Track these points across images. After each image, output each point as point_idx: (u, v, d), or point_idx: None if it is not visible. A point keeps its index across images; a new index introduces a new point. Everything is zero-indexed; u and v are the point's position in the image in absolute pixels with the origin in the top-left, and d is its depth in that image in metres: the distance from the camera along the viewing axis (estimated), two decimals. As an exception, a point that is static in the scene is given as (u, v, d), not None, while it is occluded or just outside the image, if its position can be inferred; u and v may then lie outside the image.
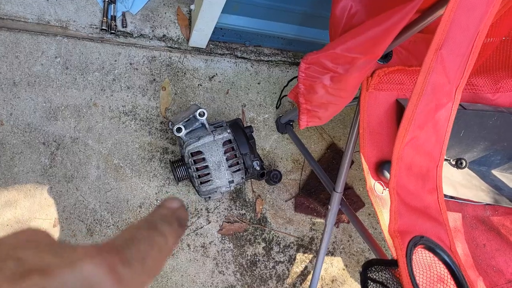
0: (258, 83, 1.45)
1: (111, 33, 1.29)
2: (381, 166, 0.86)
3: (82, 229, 1.18)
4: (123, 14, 1.32)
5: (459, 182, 0.95)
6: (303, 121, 0.93)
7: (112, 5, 1.30)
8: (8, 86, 1.17)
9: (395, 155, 0.61)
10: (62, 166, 1.18)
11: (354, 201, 1.48)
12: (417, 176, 0.65)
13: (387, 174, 0.84)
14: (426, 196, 0.67)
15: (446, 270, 0.65)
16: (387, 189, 0.85)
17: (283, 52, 1.51)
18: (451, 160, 0.97)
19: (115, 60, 1.29)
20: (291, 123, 1.39)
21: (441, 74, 0.60)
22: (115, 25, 1.29)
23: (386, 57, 0.89)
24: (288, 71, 1.50)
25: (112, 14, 1.30)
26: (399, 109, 0.91)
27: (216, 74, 1.40)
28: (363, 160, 0.85)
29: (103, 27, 1.27)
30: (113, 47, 1.30)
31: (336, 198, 1.05)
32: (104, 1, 1.28)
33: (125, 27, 1.32)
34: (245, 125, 1.39)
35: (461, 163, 0.95)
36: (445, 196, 0.92)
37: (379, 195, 0.84)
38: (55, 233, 1.14)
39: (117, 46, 1.30)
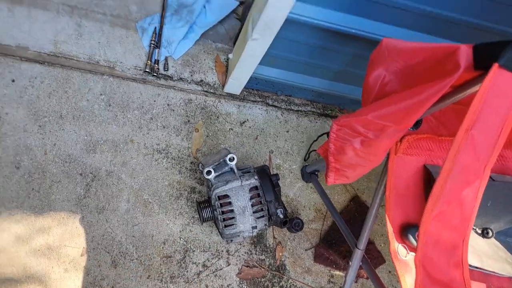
0: (287, 131, 1.50)
1: (153, 75, 1.39)
2: (406, 230, 0.87)
3: (107, 260, 1.21)
4: (166, 59, 1.42)
5: (484, 253, 0.94)
6: (330, 178, 0.96)
7: (157, 50, 1.40)
8: (55, 119, 1.26)
9: (422, 229, 0.63)
10: (95, 197, 1.24)
11: (374, 256, 1.47)
12: (443, 250, 0.66)
13: (411, 239, 0.85)
14: (451, 270, 0.67)
15: None
16: (411, 253, 0.85)
17: (313, 103, 1.56)
18: (477, 229, 0.96)
19: (154, 101, 1.37)
20: (316, 173, 1.42)
21: (471, 153, 0.62)
22: (158, 68, 1.39)
23: (416, 124, 0.92)
24: (316, 122, 1.55)
25: (156, 58, 1.40)
26: (427, 174, 0.92)
27: (247, 119, 1.46)
28: (388, 222, 0.86)
29: (146, 69, 1.37)
30: (154, 88, 1.39)
31: (357, 255, 1.06)
32: (150, 46, 1.39)
33: (167, 70, 1.41)
34: (271, 172, 1.42)
35: (487, 233, 0.95)
36: (470, 266, 0.91)
37: (403, 259, 0.84)
38: (82, 262, 1.18)
39: (157, 88, 1.39)
